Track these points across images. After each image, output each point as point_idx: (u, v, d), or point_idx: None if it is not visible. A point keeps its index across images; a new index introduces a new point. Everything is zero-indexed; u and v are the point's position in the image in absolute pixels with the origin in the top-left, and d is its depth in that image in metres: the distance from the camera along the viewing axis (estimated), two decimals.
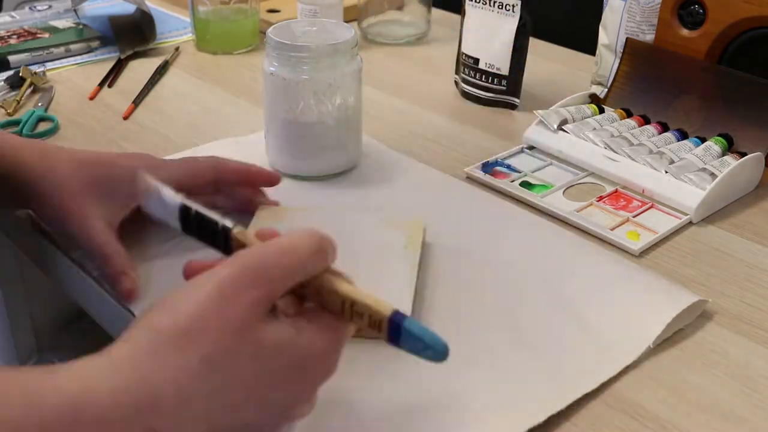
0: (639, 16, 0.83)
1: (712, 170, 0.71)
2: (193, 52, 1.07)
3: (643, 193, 0.72)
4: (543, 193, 0.72)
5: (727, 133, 0.76)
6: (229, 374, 0.39)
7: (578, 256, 0.63)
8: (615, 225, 0.68)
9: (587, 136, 0.78)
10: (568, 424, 0.48)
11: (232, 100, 0.92)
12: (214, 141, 0.80)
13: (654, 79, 0.82)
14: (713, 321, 0.57)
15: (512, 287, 0.59)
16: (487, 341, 0.53)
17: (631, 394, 0.50)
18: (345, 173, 0.74)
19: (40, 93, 0.92)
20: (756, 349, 0.55)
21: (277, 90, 0.70)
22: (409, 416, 0.47)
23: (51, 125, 0.84)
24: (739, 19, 0.76)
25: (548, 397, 0.49)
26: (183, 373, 0.37)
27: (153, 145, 0.81)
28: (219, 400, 0.39)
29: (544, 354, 0.52)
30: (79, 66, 1.01)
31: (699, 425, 0.48)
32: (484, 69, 0.90)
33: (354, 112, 0.72)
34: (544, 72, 1.01)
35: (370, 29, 1.11)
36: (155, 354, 0.37)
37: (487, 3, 0.87)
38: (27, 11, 1.17)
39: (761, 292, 0.61)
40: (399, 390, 0.49)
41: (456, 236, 0.63)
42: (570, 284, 0.59)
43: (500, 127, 0.87)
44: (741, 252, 0.66)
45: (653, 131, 0.79)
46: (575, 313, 0.56)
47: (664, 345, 0.55)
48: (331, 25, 0.73)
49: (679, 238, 0.67)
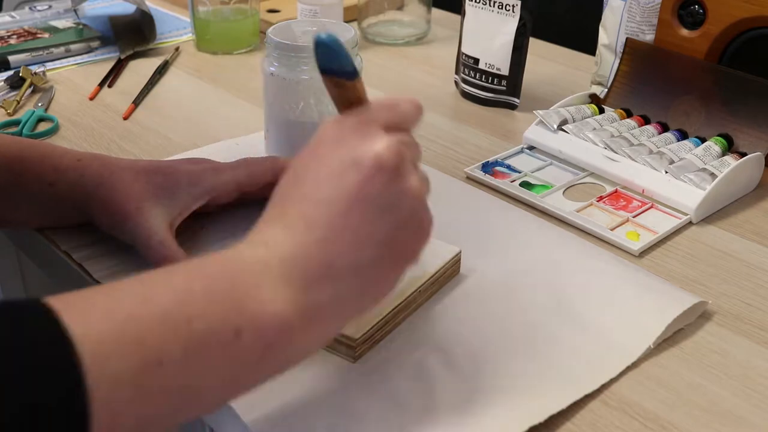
0: (639, 16, 0.83)
1: (712, 170, 0.71)
2: (193, 52, 1.07)
3: (642, 193, 0.72)
4: (543, 193, 0.72)
5: (727, 133, 0.76)
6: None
7: (578, 257, 0.63)
8: (615, 225, 0.68)
9: (587, 136, 0.78)
10: (568, 424, 0.48)
11: (232, 100, 0.92)
12: (214, 142, 0.80)
13: (654, 79, 0.82)
14: (713, 321, 0.58)
15: (512, 287, 0.59)
16: (487, 341, 0.53)
17: (631, 394, 0.50)
18: None
19: (40, 93, 0.92)
20: (756, 349, 0.55)
21: (277, 90, 0.70)
22: (409, 416, 0.47)
23: (51, 125, 0.84)
24: (739, 19, 0.76)
25: (548, 397, 0.49)
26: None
27: (153, 145, 0.81)
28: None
29: (545, 354, 0.52)
30: (79, 66, 1.01)
31: (699, 425, 0.48)
32: (484, 69, 0.90)
33: None
34: (544, 72, 1.01)
35: (370, 29, 1.11)
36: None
37: (487, 3, 0.87)
38: (27, 11, 1.17)
39: (761, 292, 0.61)
40: (399, 390, 0.49)
41: (456, 236, 0.63)
42: (570, 284, 0.59)
43: (500, 127, 0.87)
44: (741, 252, 0.66)
45: (653, 131, 0.79)
46: (575, 313, 0.56)
47: (664, 345, 0.55)
48: (331, 26, 0.73)
49: (679, 238, 0.67)
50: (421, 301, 0.57)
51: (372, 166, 0.42)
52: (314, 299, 0.41)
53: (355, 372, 0.51)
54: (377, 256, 0.42)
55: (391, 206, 0.43)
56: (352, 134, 0.43)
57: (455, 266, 0.60)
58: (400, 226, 0.43)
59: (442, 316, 0.56)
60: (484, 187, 0.74)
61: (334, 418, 0.47)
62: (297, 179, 0.44)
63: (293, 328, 0.40)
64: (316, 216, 0.42)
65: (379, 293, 0.44)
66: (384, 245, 0.43)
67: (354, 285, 0.42)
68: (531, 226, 0.67)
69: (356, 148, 0.43)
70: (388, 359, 0.52)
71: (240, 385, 0.41)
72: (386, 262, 0.43)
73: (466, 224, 0.67)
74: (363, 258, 0.42)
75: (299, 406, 0.48)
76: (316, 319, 0.41)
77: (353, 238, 0.42)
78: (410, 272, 0.56)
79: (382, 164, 0.42)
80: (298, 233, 0.42)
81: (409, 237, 0.44)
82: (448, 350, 0.52)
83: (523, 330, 0.54)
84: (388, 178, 0.42)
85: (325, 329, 0.43)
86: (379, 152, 0.42)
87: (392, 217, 0.43)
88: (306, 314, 0.41)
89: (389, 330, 0.54)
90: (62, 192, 0.60)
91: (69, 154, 0.62)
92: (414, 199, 0.44)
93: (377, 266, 0.43)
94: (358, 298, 0.43)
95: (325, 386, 0.49)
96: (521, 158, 0.79)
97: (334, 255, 0.41)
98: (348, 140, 0.43)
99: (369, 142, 0.43)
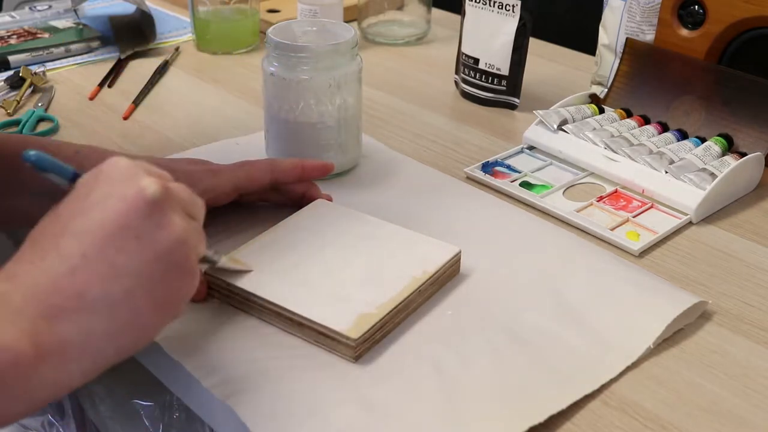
0: (639, 16, 0.83)
1: (712, 170, 0.71)
2: (193, 52, 1.07)
3: (642, 193, 0.72)
4: (543, 193, 0.72)
5: (727, 133, 0.76)
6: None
7: (578, 257, 0.63)
8: (615, 225, 0.68)
9: (587, 136, 0.78)
10: (569, 424, 0.48)
11: (232, 100, 0.92)
12: (214, 142, 0.80)
13: (654, 79, 0.82)
14: (713, 321, 0.57)
15: (512, 287, 0.59)
16: (488, 341, 0.53)
17: (631, 394, 0.50)
18: (345, 173, 0.74)
19: (40, 93, 0.92)
20: (756, 349, 0.55)
21: (277, 90, 0.70)
22: (409, 416, 0.47)
23: (51, 125, 0.84)
24: (739, 19, 0.76)
25: (548, 397, 0.49)
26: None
27: (153, 145, 0.81)
28: None
29: (545, 354, 0.52)
30: (79, 66, 1.01)
31: (699, 425, 0.48)
32: (484, 69, 0.90)
33: (354, 112, 0.72)
34: (544, 72, 1.01)
35: (370, 29, 1.11)
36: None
37: (487, 3, 0.87)
38: (27, 11, 1.17)
39: (761, 292, 0.61)
40: (399, 390, 0.49)
41: (456, 236, 0.63)
42: (570, 284, 0.59)
43: (500, 127, 0.87)
44: (741, 252, 0.66)
45: (653, 131, 0.79)
46: (575, 313, 0.56)
47: (664, 345, 0.55)
48: (331, 25, 0.73)
49: (679, 238, 0.67)
50: (421, 301, 0.56)
51: (134, 196, 0.42)
52: (59, 332, 0.39)
53: (355, 372, 0.51)
54: (132, 288, 0.41)
55: (149, 238, 0.42)
56: (117, 174, 0.44)
57: (455, 266, 0.60)
58: (156, 263, 0.42)
59: (442, 316, 0.56)
60: (484, 187, 0.74)
61: (333, 418, 0.47)
62: (57, 215, 0.43)
63: (27, 362, 0.38)
64: (70, 247, 0.41)
65: (139, 335, 0.43)
66: (139, 277, 0.42)
67: (107, 320, 0.41)
68: (531, 226, 0.67)
69: (121, 183, 0.43)
70: (388, 359, 0.52)
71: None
72: (143, 298, 0.42)
73: (466, 224, 0.67)
74: (116, 290, 0.41)
75: (299, 406, 0.48)
76: (60, 354, 0.40)
77: (107, 269, 0.41)
78: (410, 272, 0.56)
79: (144, 195, 0.42)
80: (48, 265, 0.41)
81: (168, 277, 0.43)
82: (447, 350, 0.52)
83: (522, 330, 0.54)
84: (148, 209, 0.42)
85: (74, 365, 0.41)
86: (143, 185, 0.43)
87: (149, 249, 0.42)
88: (45, 348, 0.39)
89: (389, 330, 0.54)
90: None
91: (66, 147, 0.61)
92: (175, 240, 0.43)
93: (132, 300, 0.42)
94: (114, 336, 0.42)
95: (325, 386, 0.49)
96: (521, 158, 0.79)
97: (84, 285, 0.40)
98: (114, 177, 0.43)
99: (134, 178, 0.43)
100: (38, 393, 0.40)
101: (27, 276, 0.41)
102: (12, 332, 0.38)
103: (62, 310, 0.40)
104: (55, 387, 0.40)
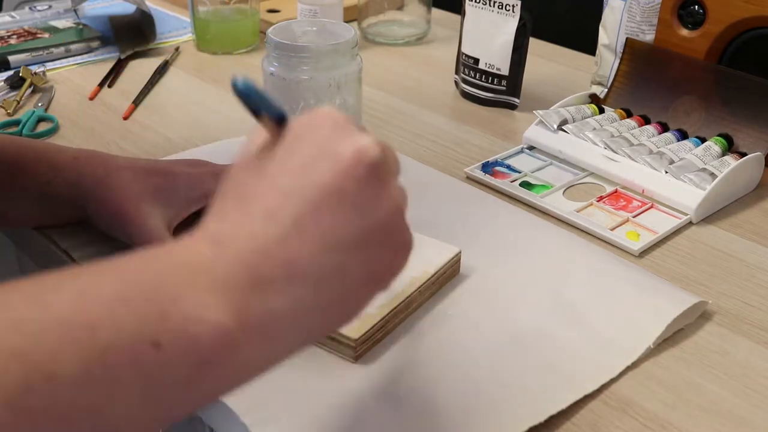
0: (639, 16, 0.83)
1: (712, 170, 0.71)
2: (193, 52, 1.07)
3: (642, 193, 0.72)
4: (543, 193, 0.72)
5: (727, 133, 0.76)
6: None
7: (578, 257, 0.63)
8: (615, 225, 0.68)
9: (587, 136, 0.78)
10: (568, 424, 0.48)
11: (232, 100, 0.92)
12: (214, 142, 0.80)
13: (654, 79, 0.82)
14: (713, 321, 0.57)
15: (512, 287, 0.59)
16: (487, 341, 0.53)
17: (631, 394, 0.50)
18: None
19: (40, 93, 0.92)
20: (756, 349, 0.55)
21: (277, 90, 0.70)
22: (409, 416, 0.47)
23: (51, 125, 0.84)
24: (739, 19, 0.76)
25: (548, 397, 0.49)
26: None
27: (153, 145, 0.81)
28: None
29: (545, 354, 0.52)
30: (79, 66, 1.01)
31: (699, 425, 0.48)
32: (484, 69, 0.90)
33: (354, 112, 0.72)
34: (544, 72, 1.01)
35: (370, 29, 1.11)
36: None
37: (487, 3, 0.87)
38: (27, 11, 1.17)
39: (761, 292, 0.61)
40: (399, 390, 0.49)
41: (456, 236, 0.63)
42: (570, 284, 0.59)
43: (500, 127, 0.87)
44: (741, 252, 0.66)
45: (653, 131, 0.79)
46: (575, 313, 0.56)
47: (664, 345, 0.55)
48: (331, 25, 0.73)
49: (679, 238, 0.67)
50: (421, 301, 0.56)
51: (352, 157, 0.37)
52: (265, 305, 0.35)
53: (355, 372, 0.51)
54: (344, 263, 0.37)
55: (367, 207, 0.37)
56: (330, 128, 0.38)
57: (455, 266, 0.60)
58: (373, 234, 0.38)
59: (442, 316, 0.56)
60: (484, 187, 0.74)
61: (333, 418, 0.47)
62: (258, 170, 0.38)
63: (233, 338, 0.34)
64: (281, 208, 0.36)
65: (347, 310, 0.39)
66: (352, 251, 0.37)
67: (315, 295, 0.36)
68: (531, 226, 0.67)
69: (334, 140, 0.38)
70: (388, 359, 0.52)
71: (165, 409, 0.33)
72: (353, 274, 0.37)
73: (466, 224, 0.67)
74: (328, 263, 0.36)
75: (299, 406, 0.48)
76: (267, 331, 0.35)
77: (320, 238, 0.36)
78: (410, 272, 0.56)
79: (363, 157, 0.37)
80: (257, 229, 0.36)
81: (383, 252, 0.38)
82: (448, 350, 0.52)
83: (523, 330, 0.54)
84: (368, 173, 0.37)
85: (280, 342, 0.36)
86: (361, 144, 0.37)
87: (366, 220, 0.37)
88: (252, 324, 0.34)
89: (389, 330, 0.54)
90: (60, 190, 0.60)
91: (65, 152, 0.61)
92: (394, 209, 0.38)
93: (342, 276, 0.37)
94: (319, 313, 0.37)
95: (325, 386, 0.49)
96: (521, 158, 0.79)
97: (295, 255, 0.36)
98: (325, 132, 0.38)
99: (350, 135, 0.38)
100: (242, 373, 0.36)
101: (234, 240, 0.36)
102: (217, 305, 0.34)
103: (271, 281, 0.35)
104: (259, 365, 0.36)
